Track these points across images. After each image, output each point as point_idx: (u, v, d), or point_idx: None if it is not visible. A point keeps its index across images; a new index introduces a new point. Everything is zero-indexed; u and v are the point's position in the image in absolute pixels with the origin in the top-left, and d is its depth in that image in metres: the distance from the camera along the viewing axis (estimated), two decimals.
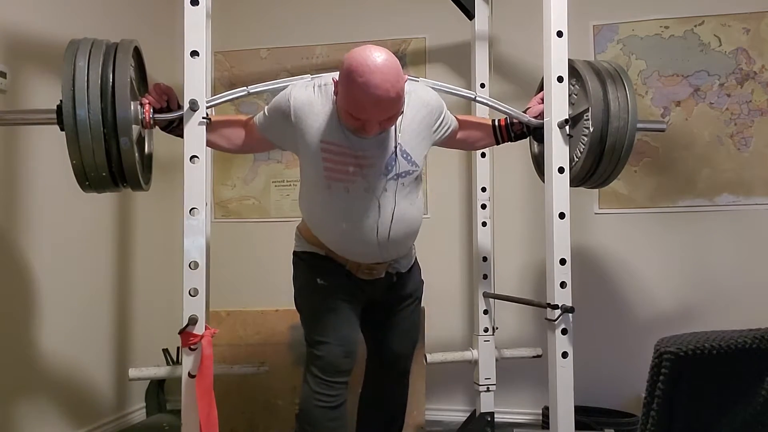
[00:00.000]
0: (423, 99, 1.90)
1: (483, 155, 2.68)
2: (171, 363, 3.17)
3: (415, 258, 2.09)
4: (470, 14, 2.74)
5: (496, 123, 2.19)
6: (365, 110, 1.63)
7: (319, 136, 1.77)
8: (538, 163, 2.45)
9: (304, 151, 1.82)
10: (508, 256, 3.11)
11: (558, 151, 2.12)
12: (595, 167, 2.16)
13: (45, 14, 2.57)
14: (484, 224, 2.70)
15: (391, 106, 1.64)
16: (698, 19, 3.05)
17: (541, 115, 2.14)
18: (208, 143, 1.92)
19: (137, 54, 1.95)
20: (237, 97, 2.03)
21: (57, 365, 2.62)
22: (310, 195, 1.90)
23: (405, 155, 1.82)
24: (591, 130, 2.09)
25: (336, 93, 1.74)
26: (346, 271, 1.92)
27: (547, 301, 2.12)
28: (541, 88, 2.23)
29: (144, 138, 2.04)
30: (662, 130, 2.43)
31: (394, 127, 1.78)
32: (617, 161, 2.14)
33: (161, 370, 2.31)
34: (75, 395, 2.72)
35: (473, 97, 2.23)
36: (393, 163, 1.80)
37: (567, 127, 2.11)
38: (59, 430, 2.61)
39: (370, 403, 2.16)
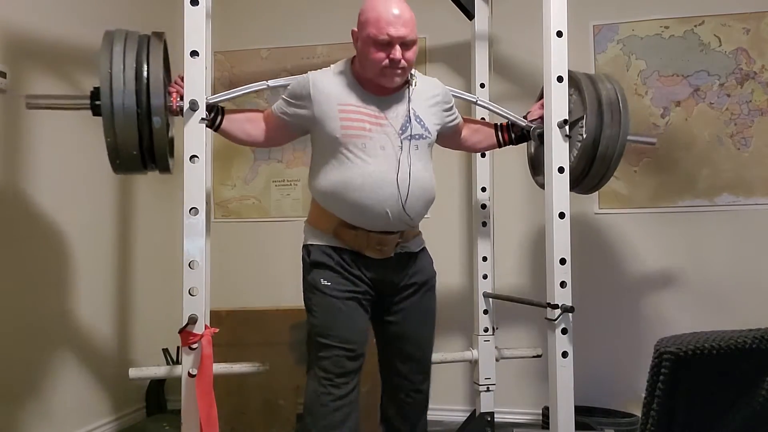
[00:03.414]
0: (435, 82, 2.09)
1: (483, 155, 2.68)
2: (171, 363, 3.17)
3: (425, 245, 2.08)
4: (470, 14, 2.74)
5: (498, 125, 2.27)
6: (389, 24, 1.79)
7: (337, 100, 1.89)
8: (533, 165, 2.51)
9: (321, 118, 1.88)
10: (508, 256, 3.11)
11: (558, 151, 2.13)
12: (587, 172, 2.20)
13: (45, 14, 2.57)
14: (484, 224, 2.70)
15: (410, 20, 1.84)
16: (698, 19, 3.05)
17: (539, 120, 2.20)
18: (229, 136, 2.03)
19: (165, 46, 2.01)
20: (253, 91, 2.09)
21: (57, 365, 2.62)
22: (325, 161, 1.91)
23: (418, 119, 1.93)
24: (584, 137, 2.15)
25: (356, 40, 1.89)
26: (354, 264, 1.90)
27: (547, 301, 2.12)
28: (542, 96, 2.27)
29: (168, 124, 2.05)
30: (653, 144, 2.48)
31: (407, 93, 1.93)
32: (607, 168, 2.20)
33: (161, 370, 2.31)
34: (75, 395, 2.72)
35: (474, 100, 2.28)
36: (408, 124, 1.90)
37: (566, 127, 2.12)
38: (59, 430, 2.61)
39: (391, 415, 2.09)
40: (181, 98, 1.92)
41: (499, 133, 2.25)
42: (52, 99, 2.03)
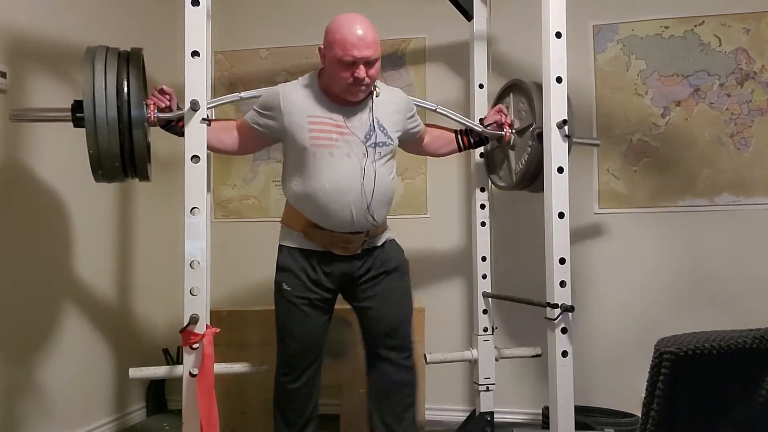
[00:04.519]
0: (397, 92, 2.23)
1: (482, 155, 2.68)
2: (171, 363, 3.17)
3: (393, 238, 2.22)
4: (469, 15, 2.74)
5: (458, 131, 2.46)
6: (354, 47, 1.90)
7: (306, 112, 2.02)
8: (488, 163, 2.68)
9: (291, 129, 2.02)
10: (508, 256, 3.11)
11: (557, 151, 2.14)
12: (537, 174, 2.29)
13: (45, 14, 2.57)
14: (483, 224, 2.70)
15: (372, 41, 1.93)
16: (698, 19, 3.05)
17: (495, 125, 2.42)
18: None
19: (142, 61, 2.07)
20: (227, 102, 2.22)
21: (57, 365, 2.62)
22: (296, 168, 2.05)
23: (381, 128, 2.07)
24: (533, 143, 2.30)
25: (323, 57, 2.00)
26: (318, 267, 2.06)
27: (547, 300, 2.12)
28: (497, 101, 2.57)
29: (146, 134, 2.09)
30: (597, 145, 2.73)
31: (371, 104, 2.06)
32: None
33: (161, 370, 2.31)
34: (75, 395, 2.72)
35: (434, 108, 2.40)
36: (372, 133, 2.04)
37: (566, 127, 2.12)
38: (59, 430, 2.61)
39: (377, 397, 2.19)
40: (159, 110, 2.02)
41: (459, 138, 2.44)
42: (36, 112, 2.14)
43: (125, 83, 1.92)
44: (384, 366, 2.17)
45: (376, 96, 2.08)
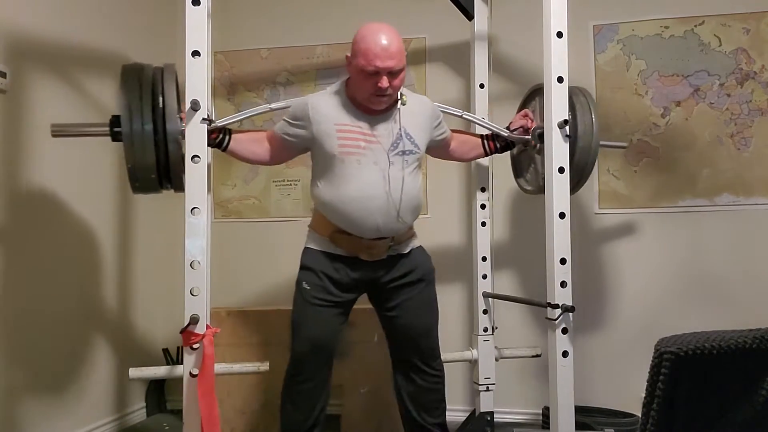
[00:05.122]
0: (424, 100, 2.26)
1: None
2: (171, 363, 3.17)
3: (420, 245, 2.25)
4: (469, 15, 2.74)
5: (484, 135, 2.46)
6: (377, 57, 1.92)
7: (334, 120, 2.05)
8: (515, 167, 2.67)
9: (320, 137, 2.05)
10: (508, 256, 3.11)
11: (558, 151, 2.14)
12: None
13: (45, 14, 2.57)
14: (483, 224, 2.70)
15: (397, 52, 1.95)
16: (698, 19, 3.05)
17: (521, 129, 2.38)
18: (237, 156, 2.18)
19: (176, 76, 2.11)
20: (256, 114, 2.27)
21: (57, 365, 2.63)
22: (324, 175, 2.08)
23: (408, 137, 2.09)
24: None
25: (348, 65, 2.02)
26: (343, 271, 2.09)
27: (548, 301, 2.13)
28: (523, 106, 2.51)
29: (181, 146, 2.14)
30: (624, 147, 2.79)
31: (398, 113, 2.08)
32: (582, 174, 2.29)
33: (161, 370, 2.32)
34: (75, 395, 2.72)
35: (460, 114, 2.40)
36: (399, 141, 2.07)
37: (567, 128, 2.13)
38: (59, 430, 2.61)
39: (408, 404, 2.26)
40: None
41: (485, 143, 2.44)
42: (76, 127, 2.19)
43: (161, 98, 1.98)
44: (410, 372, 2.22)
45: (402, 104, 2.10)
